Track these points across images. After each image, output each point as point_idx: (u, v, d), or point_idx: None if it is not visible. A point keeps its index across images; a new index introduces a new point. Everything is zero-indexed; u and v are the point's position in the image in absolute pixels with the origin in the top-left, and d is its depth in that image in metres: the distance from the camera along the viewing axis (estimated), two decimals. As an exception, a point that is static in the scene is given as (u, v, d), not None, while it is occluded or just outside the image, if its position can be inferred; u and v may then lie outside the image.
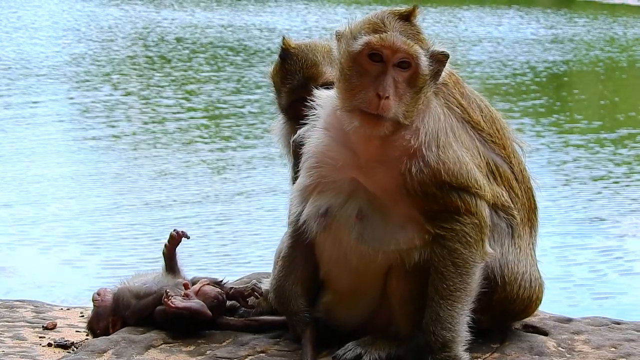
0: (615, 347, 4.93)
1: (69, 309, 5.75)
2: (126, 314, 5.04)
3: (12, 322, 5.37)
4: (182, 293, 5.00)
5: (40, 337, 5.16)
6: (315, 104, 4.73)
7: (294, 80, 5.28)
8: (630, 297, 11.49)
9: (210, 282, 5.13)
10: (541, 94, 25.60)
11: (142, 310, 5.02)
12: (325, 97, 4.73)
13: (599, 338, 5.03)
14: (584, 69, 30.70)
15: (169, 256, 5.21)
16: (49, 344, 5.06)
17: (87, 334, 5.20)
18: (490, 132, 4.73)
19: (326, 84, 5.11)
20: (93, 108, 21.77)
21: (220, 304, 5.02)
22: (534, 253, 4.90)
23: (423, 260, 4.52)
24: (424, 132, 4.44)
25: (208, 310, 4.94)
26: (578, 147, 19.13)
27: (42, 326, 5.33)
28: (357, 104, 4.35)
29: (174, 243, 5.22)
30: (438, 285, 4.50)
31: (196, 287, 5.05)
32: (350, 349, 4.65)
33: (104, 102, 22.42)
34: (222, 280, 5.20)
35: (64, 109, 21.70)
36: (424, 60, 4.37)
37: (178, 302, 4.92)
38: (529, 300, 4.81)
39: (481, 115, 4.72)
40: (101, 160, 17.34)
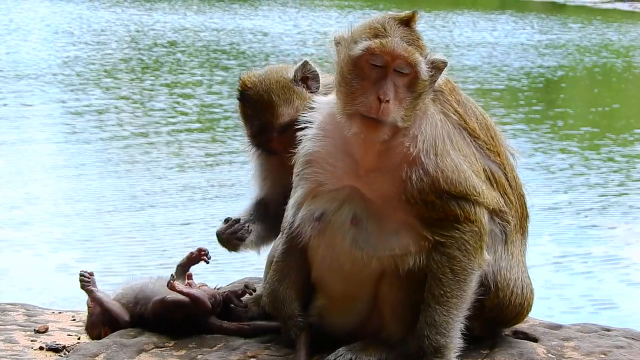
0: (604, 354, 4.95)
1: (60, 313, 5.74)
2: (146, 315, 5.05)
3: (4, 325, 5.37)
4: (185, 283, 5.02)
5: (32, 341, 5.16)
6: (312, 109, 4.74)
7: (253, 126, 5.21)
8: (629, 305, 11.48)
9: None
10: (536, 100, 25.61)
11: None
12: (323, 102, 4.74)
13: (589, 345, 5.05)
14: (578, 75, 30.74)
15: (183, 271, 5.20)
16: (41, 347, 5.06)
17: (78, 338, 5.22)
18: (486, 139, 4.76)
19: (285, 125, 5.07)
20: (85, 111, 21.74)
21: (217, 303, 5.05)
22: (525, 260, 4.93)
23: (417, 266, 4.52)
24: (422, 140, 4.46)
25: (208, 302, 4.96)
26: (574, 154, 19.11)
27: (34, 329, 5.33)
28: (357, 107, 4.35)
29: (193, 260, 5.24)
30: (435, 291, 4.52)
31: (192, 281, 5.08)
32: (341, 354, 4.66)
33: (96, 106, 22.39)
34: (215, 287, 5.23)
35: (56, 112, 21.65)
36: (423, 67, 4.39)
37: (183, 286, 4.94)
38: (521, 306, 4.84)
39: (477, 123, 4.75)
40: (94, 163, 17.31)
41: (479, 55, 31.95)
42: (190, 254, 5.26)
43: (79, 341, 5.16)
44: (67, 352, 4.98)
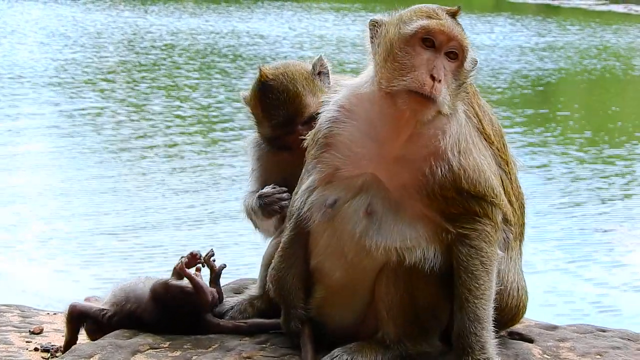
0: (600, 355, 4.96)
1: (55, 314, 5.74)
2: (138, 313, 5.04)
3: (-1, 326, 5.38)
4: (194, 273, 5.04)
5: (27, 342, 5.16)
6: (333, 91, 4.72)
7: (278, 117, 5.08)
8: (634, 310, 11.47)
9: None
10: (535, 103, 25.63)
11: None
12: (346, 84, 4.72)
13: (584, 345, 5.06)
14: (577, 78, 30.75)
15: (179, 275, 5.18)
16: (36, 349, 5.06)
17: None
18: (498, 146, 4.82)
19: (310, 117, 4.98)
20: (80, 114, 21.72)
21: (214, 299, 5.05)
22: (520, 264, 4.95)
23: (419, 263, 4.51)
24: (449, 135, 4.48)
25: (209, 294, 4.95)
26: (575, 159, 19.10)
27: (29, 330, 5.33)
28: (406, 84, 4.33)
29: (189, 264, 5.17)
30: (470, 285, 4.51)
31: (199, 272, 5.09)
32: (337, 356, 4.64)
33: (91, 109, 22.37)
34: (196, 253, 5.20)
35: (50, 115, 21.64)
36: (471, 55, 4.46)
37: (191, 272, 4.94)
38: (516, 308, 4.86)
39: (492, 129, 4.81)
40: (89, 165, 17.31)
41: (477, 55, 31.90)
42: (182, 258, 5.19)
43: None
44: (61, 353, 4.98)
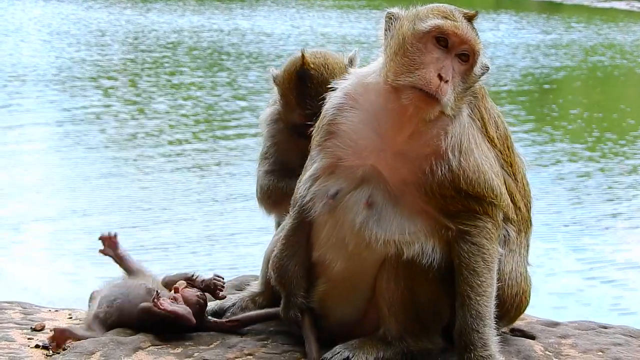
0: (602, 351, 4.96)
1: (57, 311, 5.74)
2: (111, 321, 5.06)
3: (1, 323, 5.36)
4: (170, 296, 5.01)
5: (28, 339, 5.15)
6: (340, 80, 4.72)
7: (313, 107, 5.08)
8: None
9: (183, 279, 5.14)
10: (543, 101, 25.60)
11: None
12: (355, 72, 4.74)
13: (586, 342, 5.05)
14: (583, 75, 30.71)
15: (115, 259, 5.20)
16: (37, 346, 5.05)
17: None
18: (502, 149, 4.82)
19: None
20: (82, 113, 21.72)
21: (202, 307, 5.03)
22: (526, 256, 4.94)
23: (417, 258, 4.51)
24: (451, 135, 4.49)
25: (193, 318, 4.94)
26: (584, 158, 19.06)
27: (31, 327, 5.32)
28: (413, 80, 4.34)
29: (109, 246, 5.26)
30: (472, 282, 4.52)
31: (178, 294, 5.05)
32: (338, 352, 4.65)
33: (93, 108, 22.37)
34: (192, 275, 5.18)
35: (53, 114, 21.65)
36: (481, 59, 4.47)
37: (167, 304, 4.92)
38: (517, 296, 4.85)
39: (496, 133, 4.81)
40: (90, 163, 17.32)
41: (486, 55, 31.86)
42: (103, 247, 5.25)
43: (70, 341, 5.15)
44: (63, 349, 4.98)
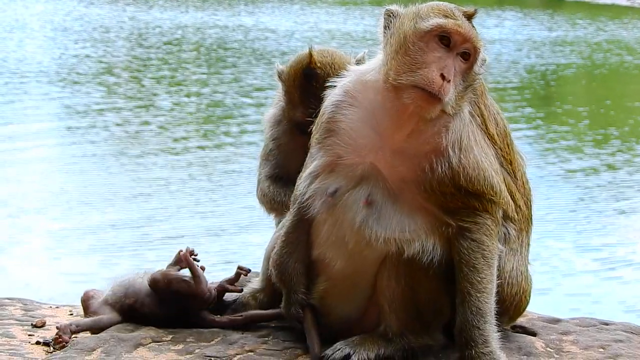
0: (603, 348, 4.95)
1: (57, 307, 5.74)
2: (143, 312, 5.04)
3: (1, 319, 5.36)
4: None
5: (29, 335, 5.16)
6: (340, 78, 4.72)
7: (318, 105, 5.00)
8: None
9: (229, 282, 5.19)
10: (548, 99, 25.57)
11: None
12: (355, 69, 4.73)
13: (587, 339, 5.05)
14: (589, 72, 30.66)
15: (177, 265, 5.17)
16: (38, 342, 5.05)
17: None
18: (502, 146, 4.82)
19: None
20: (86, 110, 21.72)
21: (211, 297, 5.04)
22: (527, 255, 4.94)
23: (420, 253, 4.51)
24: (452, 132, 4.49)
25: (206, 289, 4.96)
26: (591, 156, 19.02)
27: (31, 324, 5.32)
28: (415, 79, 4.33)
29: (186, 259, 5.15)
30: (472, 279, 4.52)
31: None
32: (339, 349, 4.64)
33: (97, 105, 22.37)
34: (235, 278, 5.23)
35: (55, 109, 21.66)
36: (481, 57, 4.47)
37: (193, 262, 4.96)
38: (517, 295, 4.85)
39: (496, 130, 4.81)
40: (91, 159, 17.33)
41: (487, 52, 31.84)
42: (178, 254, 5.17)
43: (76, 336, 5.15)
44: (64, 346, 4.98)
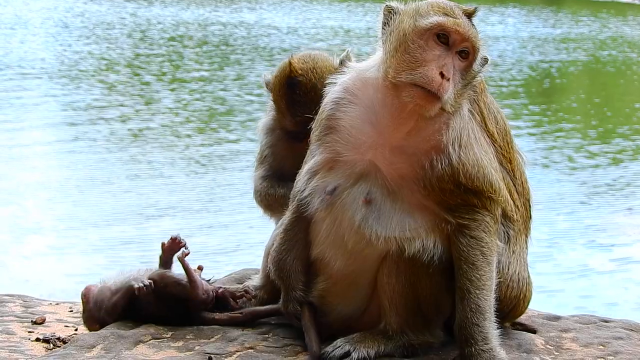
0: (603, 345, 4.95)
1: (57, 304, 5.74)
2: (101, 314, 5.03)
3: (1, 316, 5.37)
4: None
5: (29, 332, 5.16)
6: (339, 74, 4.71)
7: (303, 113, 5.05)
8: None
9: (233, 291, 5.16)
10: (552, 96, 25.55)
11: (114, 306, 5.02)
12: (354, 67, 4.72)
13: (587, 336, 5.05)
14: (593, 69, 30.63)
15: (165, 261, 5.12)
16: (38, 339, 5.06)
17: (76, 329, 5.22)
18: (501, 144, 4.82)
19: None
20: (88, 108, 21.72)
21: (209, 299, 5.03)
22: (526, 258, 4.95)
23: (421, 251, 4.51)
24: (452, 129, 4.49)
25: (201, 294, 4.95)
26: (595, 155, 18.99)
27: (31, 321, 5.33)
28: (414, 78, 4.33)
29: (172, 248, 5.10)
30: (471, 276, 4.52)
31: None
32: (339, 346, 4.64)
33: (98, 102, 22.37)
34: (209, 280, 5.19)
35: (55, 107, 21.64)
36: (481, 55, 4.47)
37: (189, 265, 4.95)
38: (517, 299, 4.86)
39: (496, 128, 4.81)
40: (92, 156, 17.33)
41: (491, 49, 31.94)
42: (166, 247, 5.11)
43: (76, 332, 5.17)
44: (62, 344, 4.98)
